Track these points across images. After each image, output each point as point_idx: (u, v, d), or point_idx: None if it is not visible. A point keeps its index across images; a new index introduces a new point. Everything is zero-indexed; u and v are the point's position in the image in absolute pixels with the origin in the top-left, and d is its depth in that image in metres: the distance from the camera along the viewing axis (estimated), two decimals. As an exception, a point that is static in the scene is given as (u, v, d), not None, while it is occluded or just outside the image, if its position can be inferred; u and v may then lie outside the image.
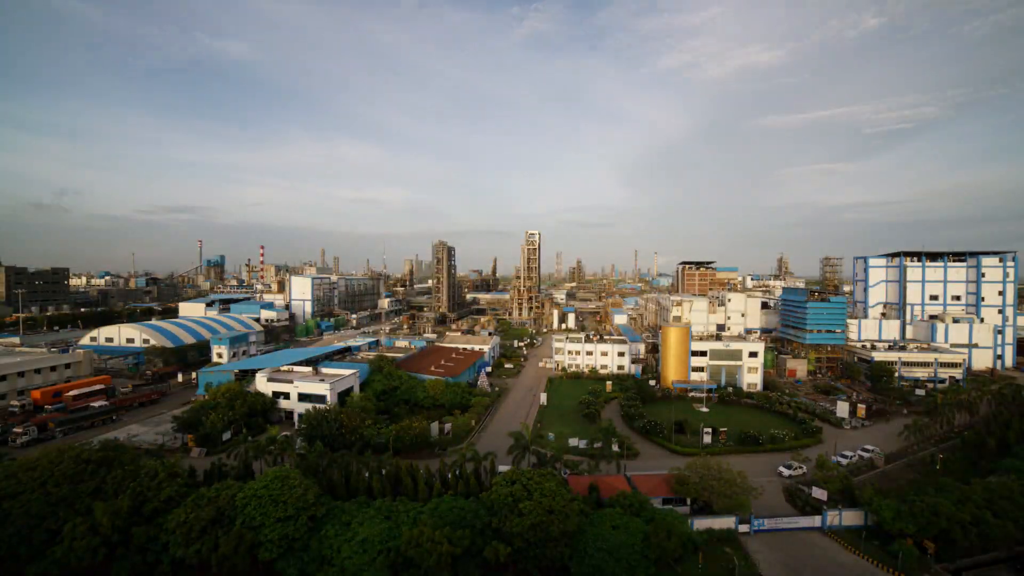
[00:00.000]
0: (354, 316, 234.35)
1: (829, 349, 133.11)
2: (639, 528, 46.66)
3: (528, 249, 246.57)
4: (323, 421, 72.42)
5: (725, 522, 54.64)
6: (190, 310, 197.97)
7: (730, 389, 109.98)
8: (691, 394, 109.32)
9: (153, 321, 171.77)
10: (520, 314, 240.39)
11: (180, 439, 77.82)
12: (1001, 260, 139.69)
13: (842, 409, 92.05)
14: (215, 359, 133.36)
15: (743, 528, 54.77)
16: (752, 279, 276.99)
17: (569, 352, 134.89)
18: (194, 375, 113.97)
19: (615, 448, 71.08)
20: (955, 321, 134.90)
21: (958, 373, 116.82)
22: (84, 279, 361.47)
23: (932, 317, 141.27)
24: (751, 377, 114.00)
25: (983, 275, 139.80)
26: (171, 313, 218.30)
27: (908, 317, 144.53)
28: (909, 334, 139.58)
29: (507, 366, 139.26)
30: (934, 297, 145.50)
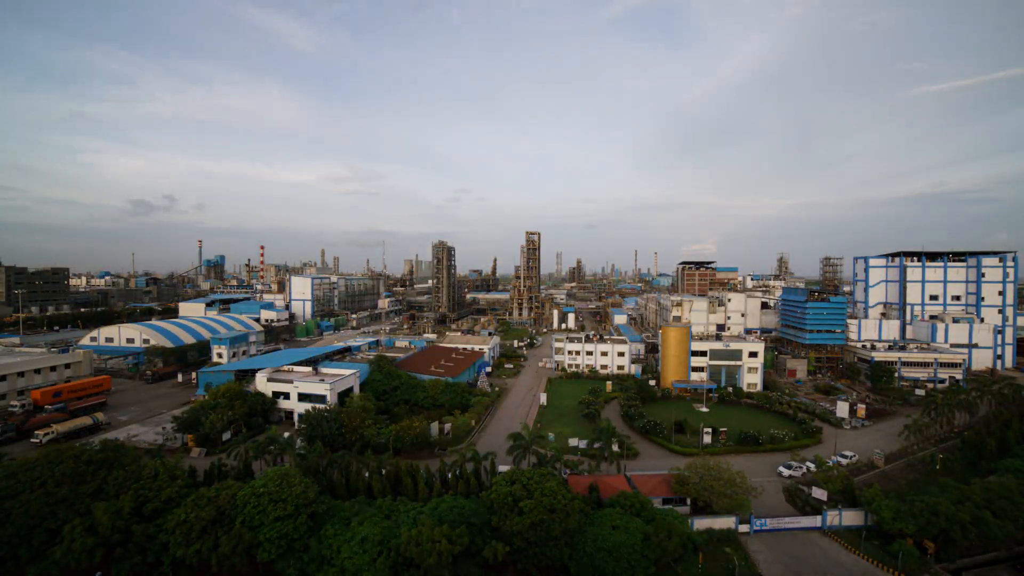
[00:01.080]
0: (354, 316, 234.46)
1: (829, 349, 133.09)
2: (639, 528, 46.62)
3: (528, 249, 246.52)
4: (323, 421, 72.45)
5: (725, 522, 54.66)
6: (190, 310, 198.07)
7: (730, 389, 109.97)
8: (691, 394, 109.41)
9: (153, 321, 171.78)
10: (520, 314, 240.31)
11: (180, 439, 77.83)
12: (1001, 260, 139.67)
13: (842, 409, 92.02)
14: (215, 359, 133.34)
15: (743, 528, 54.78)
16: (752, 279, 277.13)
17: (569, 352, 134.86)
18: (194, 375, 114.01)
19: (615, 448, 71.03)
20: (955, 321, 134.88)
21: (958, 373, 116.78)
22: (84, 279, 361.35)
23: (932, 317, 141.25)
24: (751, 377, 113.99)
25: (983, 275, 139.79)
26: (171, 313, 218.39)
27: (908, 317, 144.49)
28: (909, 334, 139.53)
29: (507, 366, 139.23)
30: (934, 297, 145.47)
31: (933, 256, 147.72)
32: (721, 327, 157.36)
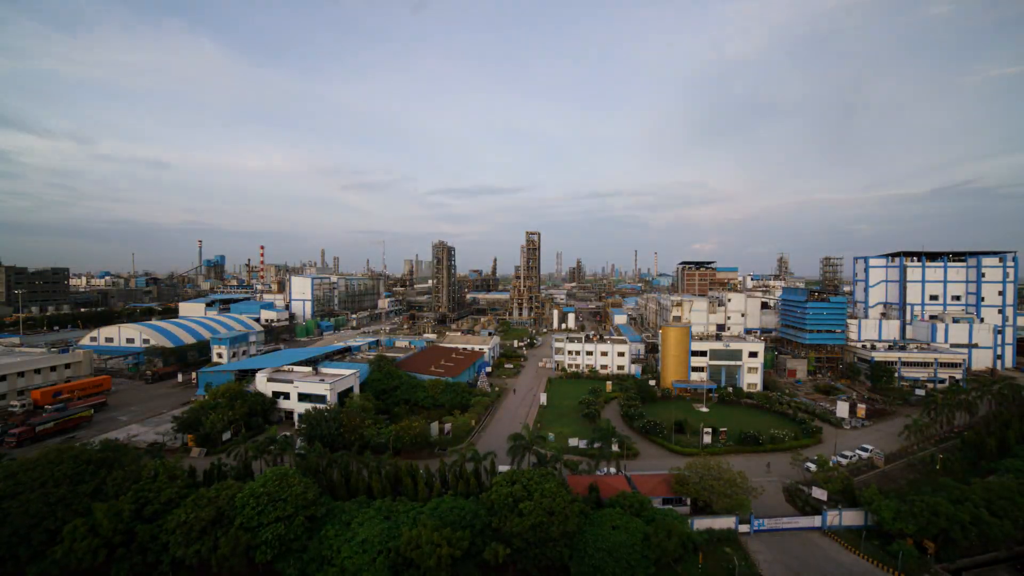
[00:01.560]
0: (354, 316, 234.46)
1: (829, 349, 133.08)
2: (639, 528, 46.62)
3: (528, 249, 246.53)
4: (323, 421, 72.43)
5: (725, 522, 54.63)
6: (190, 310, 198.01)
7: (730, 389, 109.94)
8: (691, 394, 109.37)
9: (153, 321, 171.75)
10: (520, 314, 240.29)
11: (180, 439, 77.85)
12: (1001, 260, 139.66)
13: (842, 409, 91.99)
14: (215, 359, 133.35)
15: (743, 528, 54.78)
16: (752, 279, 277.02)
17: (569, 352, 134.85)
18: (194, 375, 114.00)
19: (615, 448, 71.01)
20: (955, 321, 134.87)
21: (958, 373, 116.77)
22: (84, 279, 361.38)
23: (932, 317, 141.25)
24: (751, 377, 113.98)
25: (983, 275, 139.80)
26: (171, 313, 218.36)
27: (908, 317, 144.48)
28: (909, 334, 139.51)
29: (507, 366, 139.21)
30: (934, 297, 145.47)
31: (933, 256, 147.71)
32: (721, 327, 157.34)
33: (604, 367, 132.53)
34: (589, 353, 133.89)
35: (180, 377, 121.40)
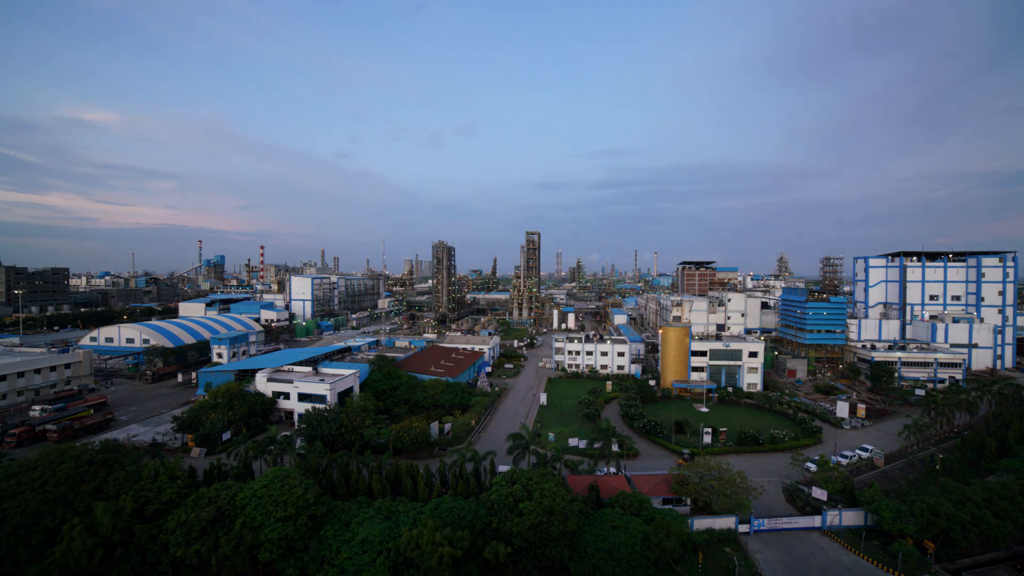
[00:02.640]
0: (354, 316, 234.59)
1: (829, 349, 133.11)
2: (639, 528, 46.63)
3: (528, 249, 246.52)
4: (323, 421, 72.44)
5: (725, 522, 54.61)
6: (190, 310, 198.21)
7: (730, 389, 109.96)
8: (691, 394, 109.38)
9: (153, 321, 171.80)
10: (520, 314, 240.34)
11: (180, 439, 77.87)
12: (1001, 260, 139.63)
13: (842, 409, 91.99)
14: (215, 359, 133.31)
15: (743, 528, 54.77)
16: (752, 279, 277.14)
17: (569, 352, 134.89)
18: (194, 375, 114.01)
19: (615, 448, 71.00)
20: (955, 321, 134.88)
21: (958, 373, 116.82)
22: (84, 279, 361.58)
23: (932, 317, 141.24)
24: (751, 377, 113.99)
25: (983, 275, 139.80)
26: (171, 313, 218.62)
27: (908, 317, 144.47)
28: (909, 334, 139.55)
29: (507, 366, 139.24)
30: (934, 297, 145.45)
31: (933, 256, 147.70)
32: (721, 327, 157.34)
33: (604, 367, 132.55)
34: (589, 353, 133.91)
35: (180, 377, 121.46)
